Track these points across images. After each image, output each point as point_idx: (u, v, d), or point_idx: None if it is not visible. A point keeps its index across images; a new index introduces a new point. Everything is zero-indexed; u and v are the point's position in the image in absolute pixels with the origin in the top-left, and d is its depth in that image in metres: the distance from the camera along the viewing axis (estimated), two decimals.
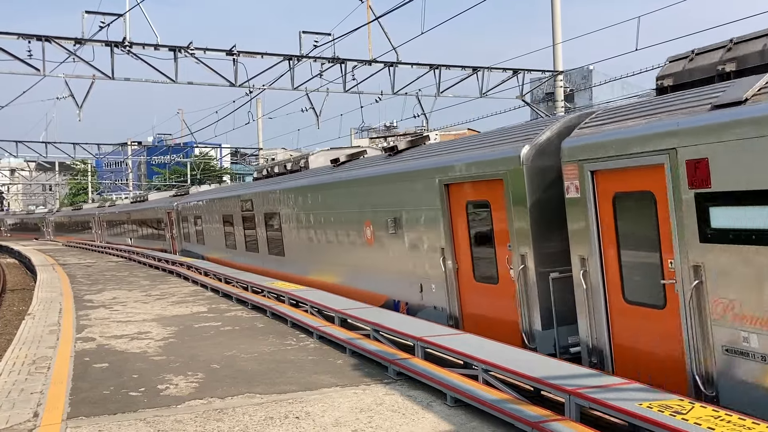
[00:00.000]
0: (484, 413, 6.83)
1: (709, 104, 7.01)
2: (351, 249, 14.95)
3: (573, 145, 8.51)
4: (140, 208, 40.15)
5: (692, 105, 7.25)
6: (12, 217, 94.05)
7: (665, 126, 7.26)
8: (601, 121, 8.45)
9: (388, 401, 7.44)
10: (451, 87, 25.03)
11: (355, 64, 22.91)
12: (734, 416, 5.43)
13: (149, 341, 11.41)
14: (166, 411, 7.35)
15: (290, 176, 19.15)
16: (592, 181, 8.27)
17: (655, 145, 7.32)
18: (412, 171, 12.19)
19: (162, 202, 36.11)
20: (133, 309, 15.38)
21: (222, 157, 76.80)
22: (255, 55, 21.74)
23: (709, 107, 6.95)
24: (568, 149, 8.56)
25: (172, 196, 36.62)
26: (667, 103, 7.67)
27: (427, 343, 8.80)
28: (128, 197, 60.33)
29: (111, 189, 79.76)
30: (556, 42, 24.09)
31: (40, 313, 15.19)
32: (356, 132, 64.08)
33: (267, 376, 8.72)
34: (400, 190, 12.59)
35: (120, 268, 27.60)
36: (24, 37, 19.15)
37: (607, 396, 6.06)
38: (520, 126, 11.44)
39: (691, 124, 7.00)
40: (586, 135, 8.41)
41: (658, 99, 8.08)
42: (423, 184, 11.77)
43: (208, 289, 18.57)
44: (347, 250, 15.12)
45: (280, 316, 13.09)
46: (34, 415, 7.31)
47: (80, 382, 8.69)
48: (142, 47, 20.22)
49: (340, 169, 16.06)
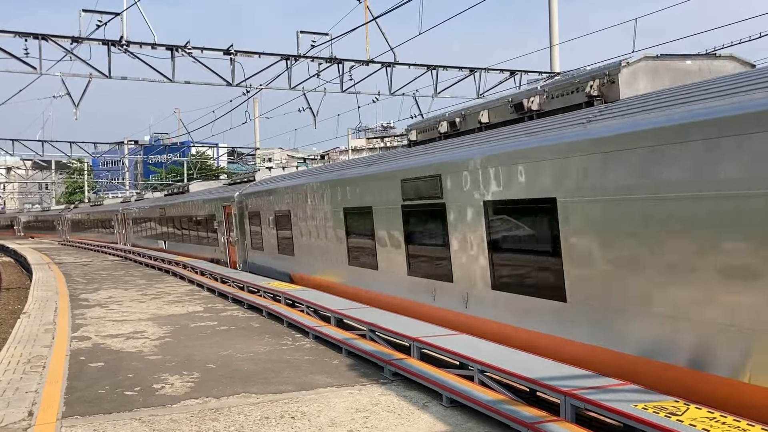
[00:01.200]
0: (479, 414, 6.83)
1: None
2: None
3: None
4: (179, 201, 30.31)
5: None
6: (27, 214, 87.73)
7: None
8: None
9: (384, 401, 7.44)
10: (448, 88, 25.04)
11: (353, 64, 22.89)
12: (729, 418, 5.44)
13: (145, 340, 11.39)
14: (161, 410, 7.34)
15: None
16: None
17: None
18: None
19: (213, 193, 26.55)
20: (129, 308, 15.36)
21: (219, 156, 76.77)
22: (252, 54, 21.71)
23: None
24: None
25: (229, 184, 27.24)
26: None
27: (423, 343, 8.80)
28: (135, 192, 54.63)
29: (107, 188, 79.62)
30: (553, 43, 24.12)
31: (35, 312, 15.16)
32: (353, 132, 64.09)
33: (263, 376, 8.71)
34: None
35: (116, 267, 27.55)
36: (21, 35, 19.10)
37: (603, 397, 6.07)
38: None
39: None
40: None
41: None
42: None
43: (204, 288, 18.55)
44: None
45: (276, 316, 13.08)
46: (29, 414, 7.30)
47: (75, 381, 8.67)
48: (139, 46, 20.17)
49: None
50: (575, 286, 8.06)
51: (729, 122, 6.05)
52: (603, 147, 7.51)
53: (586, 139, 7.81)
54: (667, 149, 6.65)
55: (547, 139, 8.59)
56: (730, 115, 6.06)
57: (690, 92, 6.99)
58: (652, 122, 6.92)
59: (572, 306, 8.12)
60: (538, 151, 8.61)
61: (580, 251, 7.94)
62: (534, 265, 8.88)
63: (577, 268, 8.01)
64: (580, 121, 8.31)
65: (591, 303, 7.82)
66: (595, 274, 7.72)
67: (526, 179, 8.82)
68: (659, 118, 6.88)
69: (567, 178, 8.09)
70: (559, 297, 8.32)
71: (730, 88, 6.44)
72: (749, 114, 5.88)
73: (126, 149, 63.91)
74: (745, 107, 5.96)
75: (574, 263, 8.03)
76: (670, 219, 6.67)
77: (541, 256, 8.66)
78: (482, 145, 10.09)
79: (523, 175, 8.89)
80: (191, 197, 28.80)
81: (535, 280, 8.83)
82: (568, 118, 8.75)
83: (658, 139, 6.75)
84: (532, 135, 9.04)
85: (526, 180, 8.82)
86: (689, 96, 6.88)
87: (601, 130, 7.67)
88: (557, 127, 8.63)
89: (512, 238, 9.38)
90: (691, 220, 6.43)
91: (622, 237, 7.31)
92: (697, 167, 6.35)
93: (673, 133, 6.60)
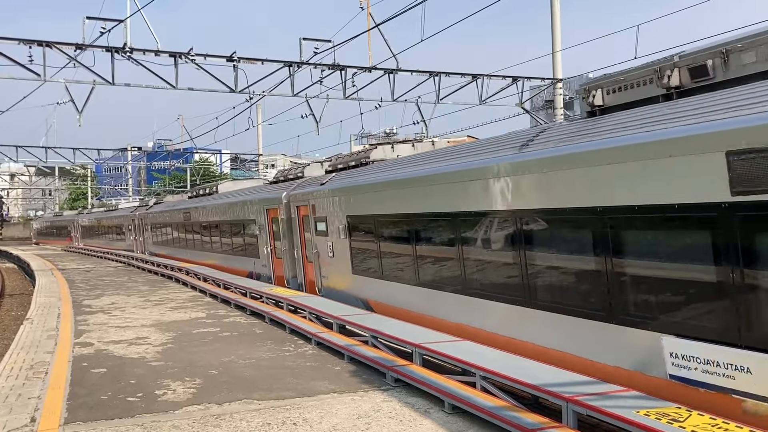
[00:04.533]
0: (481, 420, 6.82)
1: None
2: None
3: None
4: (207, 204, 25.50)
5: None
6: (40, 220, 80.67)
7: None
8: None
9: (386, 408, 7.44)
10: (450, 94, 25.05)
11: (355, 71, 22.94)
12: (732, 424, 5.43)
13: (147, 346, 11.40)
14: (163, 417, 7.34)
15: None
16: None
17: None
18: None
19: (252, 193, 21.44)
20: (132, 314, 15.37)
21: (222, 162, 76.89)
22: (255, 61, 21.76)
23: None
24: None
25: (271, 182, 22.20)
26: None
27: (426, 350, 8.79)
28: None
29: (110, 194, 79.73)
30: (555, 50, 24.16)
31: (38, 318, 15.18)
32: (356, 138, 64.15)
33: (265, 382, 8.71)
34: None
35: (119, 273, 27.58)
36: (25, 43, 19.17)
37: (605, 403, 6.06)
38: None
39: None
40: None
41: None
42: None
43: (206, 294, 18.56)
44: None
45: (278, 322, 13.08)
46: (32, 420, 7.30)
47: (78, 388, 8.68)
48: (142, 53, 20.23)
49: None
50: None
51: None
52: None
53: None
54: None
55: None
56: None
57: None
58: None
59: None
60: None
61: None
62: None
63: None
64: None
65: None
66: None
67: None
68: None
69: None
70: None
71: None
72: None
73: (129, 155, 64.04)
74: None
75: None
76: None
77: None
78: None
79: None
80: (222, 199, 24.35)
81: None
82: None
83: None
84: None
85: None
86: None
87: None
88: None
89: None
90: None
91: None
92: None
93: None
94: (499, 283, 9.64)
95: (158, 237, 34.48)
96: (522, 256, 9.10)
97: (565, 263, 8.37)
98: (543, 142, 9.02)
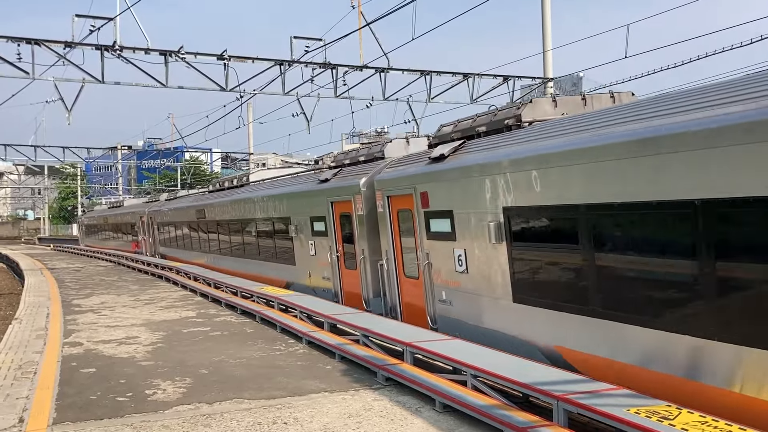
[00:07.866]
0: (472, 419, 6.82)
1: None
2: None
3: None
4: (238, 198, 20.84)
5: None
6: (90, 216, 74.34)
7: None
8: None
9: (377, 407, 7.43)
10: (441, 93, 25.09)
11: (346, 70, 22.94)
12: (721, 422, 5.45)
13: (137, 346, 11.34)
14: (153, 416, 7.31)
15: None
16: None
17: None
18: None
19: (304, 182, 16.81)
20: (122, 314, 15.30)
21: (212, 161, 76.70)
22: (246, 59, 21.73)
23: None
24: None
25: (331, 166, 16.15)
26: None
27: (417, 348, 8.79)
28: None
29: (100, 193, 79.35)
30: (546, 49, 24.20)
31: (27, 317, 15.08)
32: (347, 137, 64.07)
33: (255, 382, 8.68)
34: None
35: (109, 273, 27.46)
36: (13, 40, 19.07)
37: (595, 402, 6.07)
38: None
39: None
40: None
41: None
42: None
43: (197, 294, 18.50)
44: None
45: (269, 321, 13.05)
46: (20, 421, 7.25)
47: (67, 387, 8.62)
48: (132, 51, 20.17)
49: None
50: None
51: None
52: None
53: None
54: None
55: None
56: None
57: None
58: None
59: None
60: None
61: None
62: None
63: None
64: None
65: None
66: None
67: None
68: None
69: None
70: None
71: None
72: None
73: (119, 154, 63.78)
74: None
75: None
76: None
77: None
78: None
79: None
80: (259, 191, 19.43)
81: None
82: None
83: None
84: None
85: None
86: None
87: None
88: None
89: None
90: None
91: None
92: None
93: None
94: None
95: (171, 238, 29.28)
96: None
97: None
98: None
